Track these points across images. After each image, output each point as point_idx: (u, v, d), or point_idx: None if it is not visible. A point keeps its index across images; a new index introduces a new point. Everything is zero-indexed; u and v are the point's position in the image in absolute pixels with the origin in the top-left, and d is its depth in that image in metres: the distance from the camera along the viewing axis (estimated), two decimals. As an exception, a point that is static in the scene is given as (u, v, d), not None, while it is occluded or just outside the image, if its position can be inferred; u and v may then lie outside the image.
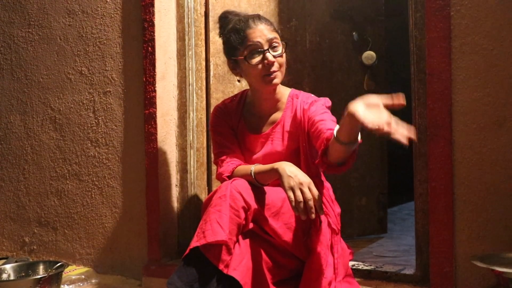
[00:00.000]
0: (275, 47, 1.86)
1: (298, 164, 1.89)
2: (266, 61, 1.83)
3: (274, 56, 1.84)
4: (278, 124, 1.94)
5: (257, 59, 1.85)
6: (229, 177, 1.81)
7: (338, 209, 1.95)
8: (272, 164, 1.73)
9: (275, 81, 1.86)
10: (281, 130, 1.94)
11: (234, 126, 2.01)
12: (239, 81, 2.01)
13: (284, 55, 1.88)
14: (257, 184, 1.75)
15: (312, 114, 1.83)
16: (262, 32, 1.85)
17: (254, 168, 1.77)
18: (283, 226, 1.74)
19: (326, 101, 1.92)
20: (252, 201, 1.69)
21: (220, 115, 2.03)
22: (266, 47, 1.84)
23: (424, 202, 1.99)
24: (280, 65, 1.86)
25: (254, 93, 1.99)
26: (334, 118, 1.83)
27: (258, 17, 1.90)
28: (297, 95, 1.97)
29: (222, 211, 1.64)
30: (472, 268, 1.86)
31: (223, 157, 1.92)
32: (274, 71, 1.85)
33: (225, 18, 1.98)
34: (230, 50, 1.93)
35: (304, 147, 1.88)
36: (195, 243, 1.62)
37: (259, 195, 1.72)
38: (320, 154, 1.66)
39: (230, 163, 1.87)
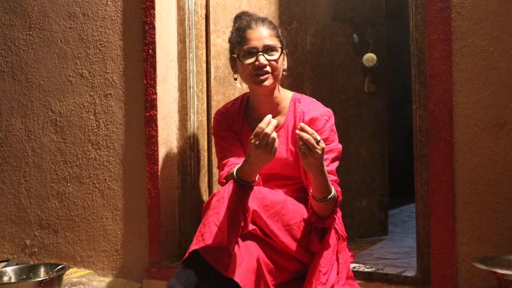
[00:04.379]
0: (271, 51, 1.87)
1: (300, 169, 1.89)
2: (257, 63, 1.84)
3: (267, 60, 1.85)
4: (282, 127, 1.94)
5: (249, 60, 1.87)
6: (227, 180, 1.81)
7: (339, 212, 1.95)
8: None
9: (265, 83, 1.87)
10: (286, 134, 1.93)
11: (237, 130, 2.01)
12: (235, 79, 2.02)
13: (280, 60, 1.89)
14: (244, 183, 1.73)
15: None
16: (260, 35, 1.86)
17: (236, 167, 1.77)
18: (282, 228, 1.74)
19: (330, 117, 1.91)
20: (251, 202, 1.69)
21: (222, 119, 2.03)
22: (260, 50, 1.85)
23: (425, 204, 1.99)
24: (273, 69, 1.87)
25: (252, 96, 2.00)
26: (335, 148, 1.87)
27: (262, 20, 1.91)
28: (299, 99, 1.97)
29: (220, 213, 1.64)
30: (473, 270, 1.85)
31: (226, 161, 1.92)
32: (264, 73, 1.86)
33: (238, 17, 2.01)
34: (230, 47, 1.97)
35: None
36: (194, 246, 1.62)
37: (258, 197, 1.72)
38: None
39: (230, 166, 1.87)
